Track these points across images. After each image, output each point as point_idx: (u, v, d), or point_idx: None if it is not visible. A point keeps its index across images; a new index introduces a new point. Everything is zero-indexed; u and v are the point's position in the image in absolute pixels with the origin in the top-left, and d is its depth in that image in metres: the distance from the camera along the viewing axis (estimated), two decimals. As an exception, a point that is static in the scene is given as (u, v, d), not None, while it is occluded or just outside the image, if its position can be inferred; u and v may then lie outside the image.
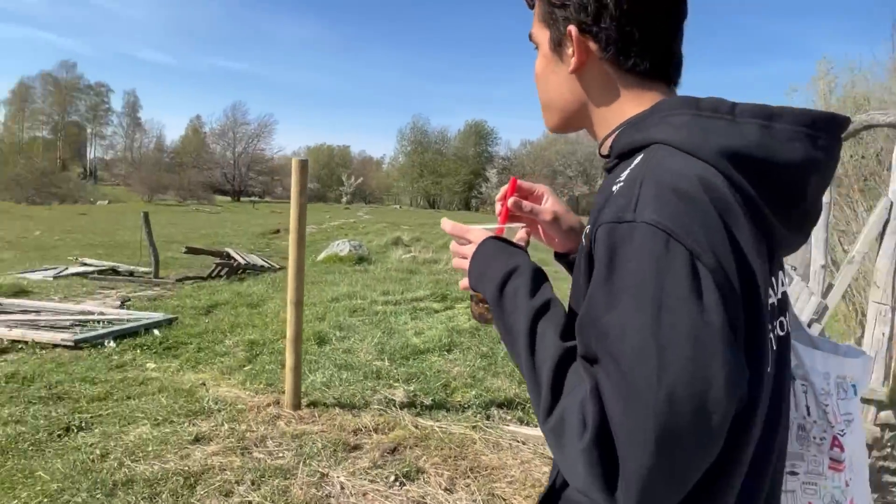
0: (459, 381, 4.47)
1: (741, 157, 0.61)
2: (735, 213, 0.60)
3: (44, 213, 25.54)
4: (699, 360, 0.53)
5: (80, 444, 3.11)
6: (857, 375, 0.82)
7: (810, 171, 0.64)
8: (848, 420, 0.80)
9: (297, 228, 3.54)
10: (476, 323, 6.01)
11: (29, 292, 7.10)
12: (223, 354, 4.90)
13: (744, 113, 0.63)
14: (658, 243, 0.56)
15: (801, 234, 0.71)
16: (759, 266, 0.60)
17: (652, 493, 0.55)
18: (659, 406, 0.53)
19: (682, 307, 0.54)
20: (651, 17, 0.70)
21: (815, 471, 0.79)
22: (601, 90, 0.74)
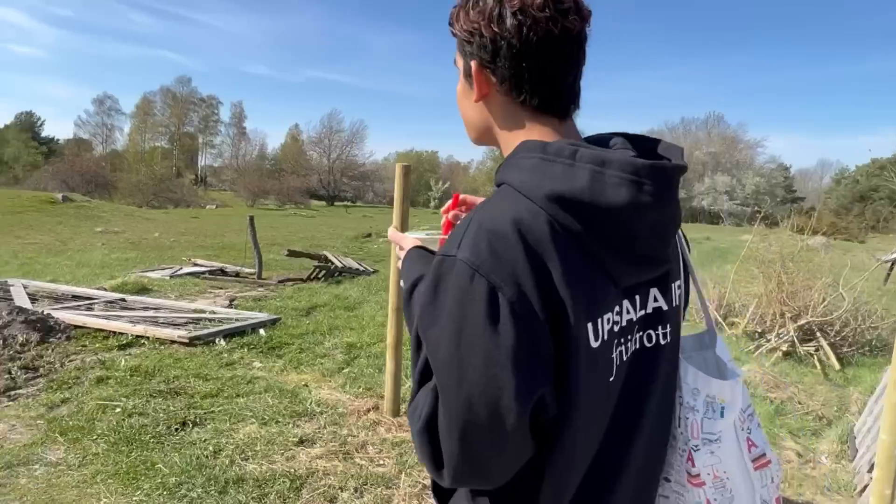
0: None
1: (567, 200, 0.68)
2: (550, 251, 0.67)
3: (161, 216, 27.80)
4: (490, 372, 0.64)
5: (195, 439, 3.25)
6: (727, 397, 0.83)
7: (636, 213, 0.69)
8: (708, 439, 0.82)
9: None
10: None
11: (149, 290, 7.67)
12: (323, 356, 5.00)
13: (582, 158, 0.70)
14: (465, 277, 0.66)
15: (653, 266, 0.77)
16: (581, 294, 0.68)
17: (461, 476, 0.70)
18: (460, 408, 0.66)
19: (479, 330, 0.64)
20: (540, 60, 0.75)
21: (680, 481, 0.82)
22: (502, 118, 0.81)
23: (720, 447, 0.82)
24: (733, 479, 0.83)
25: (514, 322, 0.65)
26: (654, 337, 0.80)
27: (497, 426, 0.66)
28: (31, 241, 14.83)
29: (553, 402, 0.68)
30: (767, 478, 0.87)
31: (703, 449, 0.82)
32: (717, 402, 0.83)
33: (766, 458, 0.87)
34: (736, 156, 58.99)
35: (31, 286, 7.29)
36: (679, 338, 0.86)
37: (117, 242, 14.93)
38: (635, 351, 0.78)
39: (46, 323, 5.15)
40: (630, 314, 0.76)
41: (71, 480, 2.80)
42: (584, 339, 0.69)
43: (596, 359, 0.71)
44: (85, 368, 4.39)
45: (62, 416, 3.49)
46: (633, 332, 0.77)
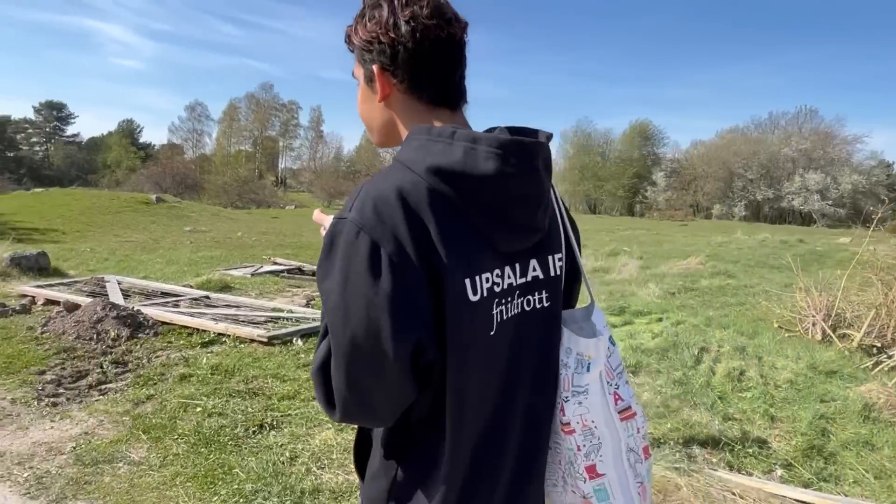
0: (650, 409, 3.94)
1: (445, 171, 0.79)
2: (429, 214, 0.77)
3: (244, 216, 29.07)
4: (372, 316, 0.74)
5: (271, 443, 3.19)
6: (592, 353, 0.93)
7: (504, 181, 0.80)
8: (577, 391, 0.92)
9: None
10: (664, 344, 5.38)
11: (231, 288, 7.88)
12: (398, 359, 4.89)
13: (459, 137, 0.81)
14: (352, 234, 0.76)
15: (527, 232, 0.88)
16: (458, 252, 0.78)
17: (349, 410, 0.81)
18: (346, 347, 0.77)
19: (362, 279, 0.75)
20: (432, 60, 0.87)
21: (556, 430, 0.93)
22: (404, 113, 0.90)
23: (587, 398, 0.91)
24: (600, 427, 0.91)
25: (393, 273, 0.74)
26: (532, 302, 0.90)
27: (378, 364, 0.75)
28: (127, 240, 15.81)
29: (432, 346, 0.77)
30: (633, 428, 0.95)
31: (573, 400, 0.90)
32: (584, 357, 0.92)
33: (632, 411, 0.96)
34: (830, 152, 54.76)
35: (125, 283, 7.67)
36: (559, 305, 0.95)
37: (204, 241, 15.65)
38: (517, 314, 0.88)
39: (136, 319, 5.34)
40: (511, 279, 0.86)
41: (152, 481, 2.79)
42: (463, 292, 0.78)
43: (475, 311, 0.80)
44: (170, 365, 4.48)
45: (146, 414, 3.54)
46: (514, 296, 0.87)
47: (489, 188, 0.80)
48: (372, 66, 0.89)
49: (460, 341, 0.79)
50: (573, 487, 0.93)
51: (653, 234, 24.36)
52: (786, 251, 16.07)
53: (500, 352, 0.86)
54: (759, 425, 3.75)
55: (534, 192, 0.85)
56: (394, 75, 0.88)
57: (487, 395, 0.86)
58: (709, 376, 4.50)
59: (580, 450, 0.91)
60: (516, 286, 0.87)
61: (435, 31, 0.86)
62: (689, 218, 48.66)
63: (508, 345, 0.87)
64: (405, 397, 0.80)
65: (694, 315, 6.69)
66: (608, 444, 0.92)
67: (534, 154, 0.84)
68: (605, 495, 0.92)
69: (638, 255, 13.78)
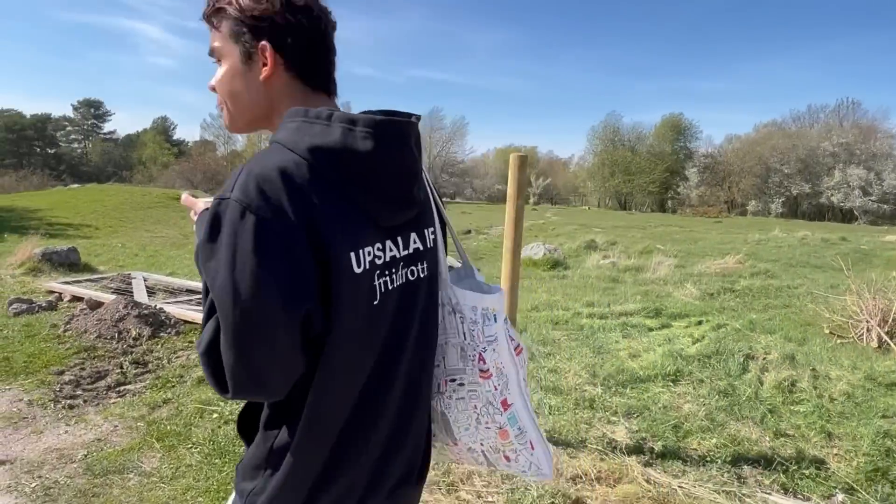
0: (693, 422, 3.66)
1: (325, 151, 0.83)
2: (311, 192, 0.80)
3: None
4: (260, 292, 0.75)
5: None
6: (496, 306, 1.03)
7: (380, 158, 0.84)
8: (490, 340, 1.02)
9: (512, 236, 3.08)
10: (706, 349, 5.07)
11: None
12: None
13: (336, 119, 0.84)
14: (237, 214, 0.76)
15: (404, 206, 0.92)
16: (342, 228, 0.82)
17: (241, 386, 0.81)
18: (236, 322, 0.77)
19: (249, 257, 0.76)
20: (318, 46, 0.94)
21: (474, 380, 1.02)
22: (288, 95, 0.93)
23: (498, 345, 1.02)
24: (507, 366, 1.04)
25: (280, 249, 0.77)
26: (415, 272, 0.96)
27: (269, 339, 0.78)
28: (158, 235, 15.98)
29: (320, 318, 0.81)
30: (523, 360, 1.09)
31: (489, 349, 1.01)
32: (490, 311, 1.03)
33: (521, 346, 1.09)
34: (873, 147, 52.64)
35: (151, 279, 7.64)
36: (437, 272, 1.02)
37: (232, 237, 15.70)
38: (402, 284, 0.93)
39: (158, 317, 5.25)
40: (393, 252, 0.91)
41: (162, 495, 2.63)
42: (348, 265, 0.83)
43: (359, 283, 0.85)
44: (189, 366, 4.36)
45: (161, 419, 3.40)
46: (398, 268, 0.92)
47: (368, 166, 0.84)
48: (258, 44, 0.90)
49: (345, 312, 0.83)
50: (489, 423, 1.03)
51: (686, 232, 23.68)
52: (828, 250, 15.39)
53: (384, 320, 0.91)
54: (815, 443, 3.43)
55: (409, 169, 0.90)
56: (283, 56, 0.90)
57: (368, 362, 0.90)
58: (756, 387, 4.18)
59: (496, 389, 1.02)
60: (399, 258, 0.93)
61: (321, 19, 0.92)
62: (723, 214, 47.41)
63: (393, 313, 0.92)
64: (296, 370, 0.83)
65: (735, 318, 6.33)
66: (512, 378, 1.04)
67: (406, 133, 0.89)
68: (515, 419, 1.05)
69: (672, 253, 13.34)
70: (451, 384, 1.04)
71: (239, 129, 0.99)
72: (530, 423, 1.08)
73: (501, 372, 1.02)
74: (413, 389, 0.98)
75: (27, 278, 7.75)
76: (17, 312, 5.71)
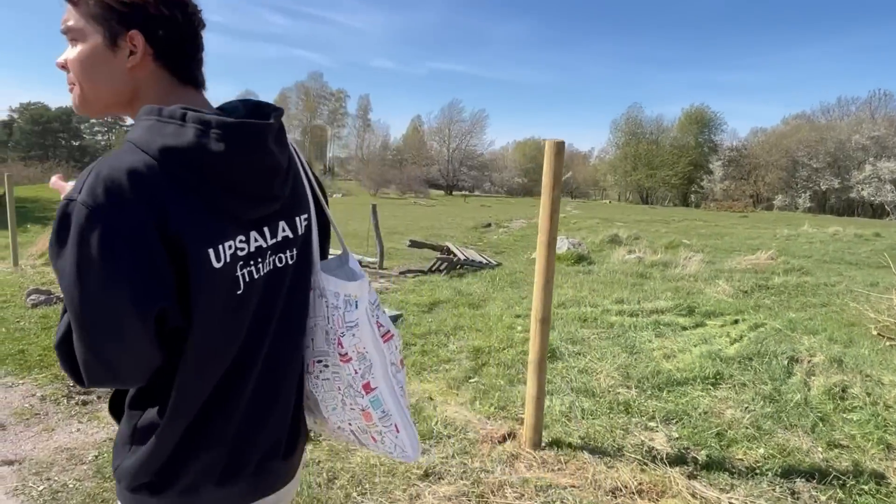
0: (738, 430, 3.41)
1: (178, 152, 0.82)
2: (163, 193, 0.81)
3: (292, 204, 29.33)
4: (110, 291, 0.78)
5: (307, 459, 2.84)
6: (357, 293, 1.05)
7: (233, 159, 0.85)
8: (350, 325, 1.04)
9: (547, 229, 2.86)
10: (746, 351, 4.80)
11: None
12: (447, 361, 4.49)
13: (189, 120, 0.84)
14: (83, 216, 0.77)
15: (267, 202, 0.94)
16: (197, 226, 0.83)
17: (95, 378, 0.84)
18: (86, 317, 0.79)
19: (95, 259, 0.77)
20: (190, 40, 0.94)
21: (336, 363, 1.04)
22: (154, 86, 0.92)
23: (359, 330, 1.04)
24: (370, 351, 1.06)
25: (127, 252, 0.78)
26: (283, 259, 0.99)
27: (119, 335, 0.80)
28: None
29: (176, 313, 0.83)
30: (393, 346, 1.11)
31: (347, 334, 1.04)
32: (352, 298, 1.05)
33: (391, 333, 1.11)
34: (906, 140, 51.01)
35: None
36: (309, 258, 1.06)
37: (251, 229, 15.66)
38: (270, 271, 0.96)
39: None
40: (259, 242, 0.93)
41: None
42: (206, 261, 0.84)
43: (219, 277, 0.86)
44: (206, 362, 4.22)
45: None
46: (265, 257, 0.95)
47: (222, 166, 0.85)
48: (128, 32, 0.89)
49: (205, 304, 0.85)
50: (352, 405, 1.07)
51: (711, 226, 23.16)
52: (861, 246, 14.87)
53: (248, 307, 0.93)
54: (873, 455, 3.17)
55: (268, 168, 0.91)
56: (153, 47, 0.90)
57: (231, 347, 0.93)
58: (804, 392, 3.91)
59: (357, 372, 1.04)
60: (267, 247, 0.95)
61: (194, 14, 0.93)
62: (748, 209, 46.43)
63: (258, 300, 0.95)
64: (151, 362, 0.85)
65: (773, 317, 6.03)
66: (377, 363, 1.07)
67: (261, 134, 0.90)
68: (379, 403, 1.08)
69: (698, 248, 12.97)
70: (318, 365, 1.08)
71: (92, 113, 0.96)
72: (395, 407, 1.10)
73: (364, 356, 1.05)
74: (276, 368, 1.01)
75: (47, 269, 7.71)
76: (35, 304, 5.64)
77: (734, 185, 56.84)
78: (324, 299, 1.05)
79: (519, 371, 4.31)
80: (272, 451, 1.03)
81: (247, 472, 0.99)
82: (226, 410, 0.94)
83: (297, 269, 1.02)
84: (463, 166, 70.57)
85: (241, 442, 0.97)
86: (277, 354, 1.01)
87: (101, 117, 1.00)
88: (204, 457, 0.93)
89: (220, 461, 0.95)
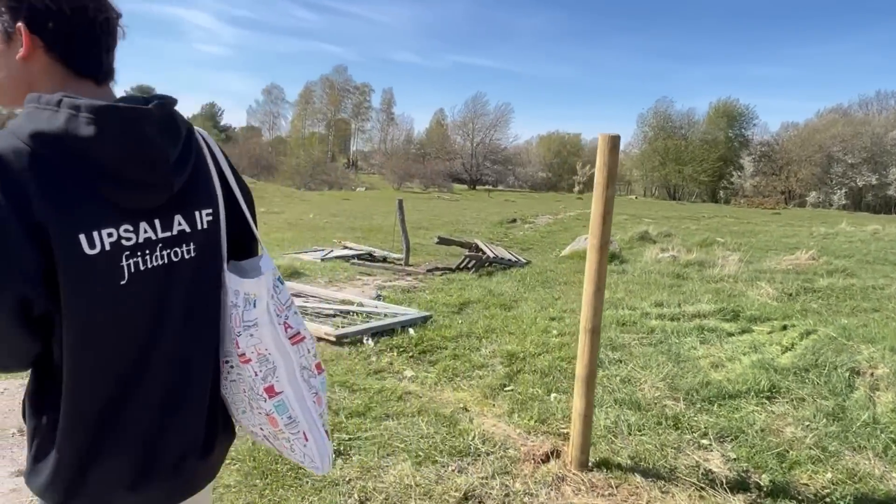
0: (800, 450, 3.13)
1: (48, 136, 0.83)
2: (31, 177, 0.80)
3: (316, 197, 29.40)
4: None
5: (337, 477, 2.64)
6: (255, 292, 1.02)
7: (108, 145, 0.85)
8: (247, 325, 1.02)
9: (600, 231, 2.60)
10: (800, 361, 4.48)
11: (301, 274, 7.52)
12: (480, 366, 4.27)
13: (64, 105, 0.84)
14: None
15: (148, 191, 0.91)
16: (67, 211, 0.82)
17: None
18: None
19: None
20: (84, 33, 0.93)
21: (237, 364, 1.03)
22: (47, 77, 0.92)
23: (258, 330, 1.02)
24: (273, 353, 1.03)
25: None
26: (180, 253, 0.97)
27: None
28: (204, 220, 16.02)
29: (41, 298, 0.82)
30: (304, 349, 1.07)
31: (244, 333, 1.01)
32: (250, 296, 1.02)
33: (301, 336, 1.07)
34: (948, 135, 49.07)
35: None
36: (217, 255, 1.04)
37: (276, 223, 15.62)
38: (164, 265, 0.94)
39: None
40: (148, 234, 0.92)
41: (195, 524, 2.30)
42: (76, 247, 0.83)
43: (93, 264, 0.85)
44: (230, 364, 4.06)
45: (199, 427, 3.09)
46: (154, 249, 0.93)
47: (94, 151, 0.85)
48: (15, 24, 0.89)
49: (78, 291, 0.85)
50: (258, 408, 1.05)
51: (743, 224, 22.50)
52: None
53: (141, 300, 0.92)
54: (956, 484, 2.86)
55: (147, 155, 0.89)
56: (42, 38, 0.90)
57: (122, 342, 0.91)
58: (871, 409, 3.60)
59: (257, 374, 1.03)
60: (157, 240, 0.93)
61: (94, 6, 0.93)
62: (779, 206, 45.24)
63: (153, 294, 0.93)
64: (22, 347, 0.86)
65: (824, 323, 5.68)
66: (282, 367, 1.04)
67: (137, 120, 0.88)
68: (285, 408, 1.05)
69: (733, 246, 12.52)
70: (226, 366, 1.06)
71: (5, 103, 0.98)
72: (304, 415, 1.07)
73: (266, 358, 1.02)
74: (185, 367, 0.99)
75: None
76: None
77: (765, 180, 55.48)
78: (227, 297, 1.04)
79: (556, 379, 4.07)
80: (188, 450, 1.01)
81: (162, 474, 0.97)
82: (129, 412, 0.93)
83: (198, 266, 1.00)
84: (486, 160, 70.09)
85: (150, 444, 0.96)
86: (185, 353, 0.99)
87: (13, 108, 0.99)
88: (109, 463, 0.92)
89: (130, 466, 0.94)
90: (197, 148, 1.01)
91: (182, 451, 1.00)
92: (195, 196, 1.00)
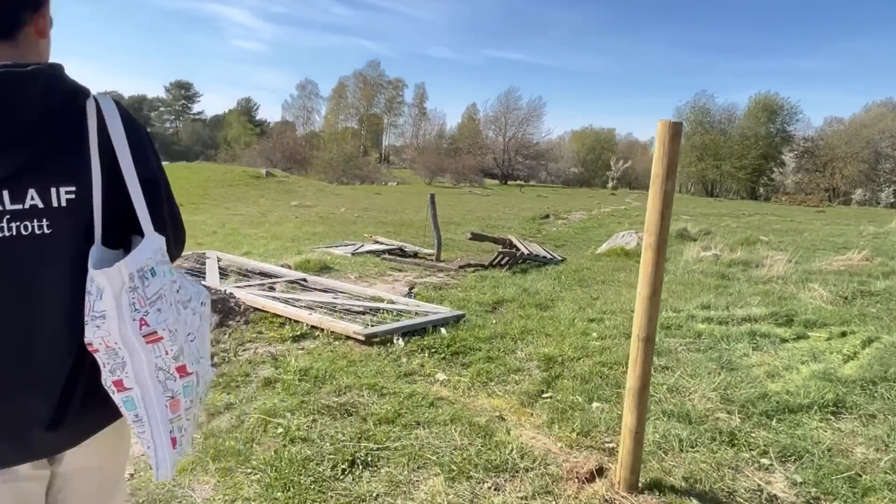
0: (874, 474, 2.81)
1: None
2: None
3: (348, 191, 29.42)
4: None
5: (363, 492, 2.45)
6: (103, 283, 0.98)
7: None
8: (96, 315, 0.99)
9: (657, 230, 2.34)
10: (866, 372, 4.12)
11: (331, 269, 7.39)
12: (516, 370, 4.04)
13: None
14: None
15: None
16: None
17: None
18: None
19: None
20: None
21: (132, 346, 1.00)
22: None
23: (105, 322, 0.99)
24: (122, 349, 1.00)
25: None
26: (30, 227, 0.96)
27: None
28: (237, 213, 16.14)
29: None
30: (161, 350, 1.02)
31: (91, 324, 0.99)
32: (100, 286, 0.99)
33: (158, 336, 1.02)
34: None
35: (225, 259, 7.38)
36: (76, 234, 1.01)
37: (308, 216, 15.61)
38: (12, 237, 0.95)
39: (227, 303, 4.87)
40: None
41: (211, 542, 2.14)
42: None
43: None
44: (256, 363, 3.92)
45: (220, 431, 2.93)
46: (1, 220, 0.94)
47: None
48: None
49: None
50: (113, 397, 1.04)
51: (786, 221, 21.63)
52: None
53: None
54: None
55: None
56: None
57: None
58: (952, 429, 3.24)
59: (105, 366, 1.01)
60: (5, 211, 0.94)
61: None
62: (823, 203, 43.57)
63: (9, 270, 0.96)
64: None
65: (888, 330, 5.26)
66: (131, 363, 1.01)
67: None
68: (133, 405, 1.04)
69: (778, 245, 11.95)
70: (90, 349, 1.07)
71: None
72: (151, 417, 1.05)
73: (115, 352, 1.01)
74: (31, 342, 1.00)
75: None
76: (91, 291, 5.53)
77: (808, 177, 53.56)
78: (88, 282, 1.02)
79: (598, 385, 3.81)
80: (31, 421, 1.01)
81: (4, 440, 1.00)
82: None
83: (56, 244, 0.99)
84: (518, 155, 69.34)
85: None
86: (33, 328, 0.99)
87: None
88: None
89: None
90: (75, 121, 0.98)
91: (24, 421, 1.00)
92: (54, 172, 0.98)
